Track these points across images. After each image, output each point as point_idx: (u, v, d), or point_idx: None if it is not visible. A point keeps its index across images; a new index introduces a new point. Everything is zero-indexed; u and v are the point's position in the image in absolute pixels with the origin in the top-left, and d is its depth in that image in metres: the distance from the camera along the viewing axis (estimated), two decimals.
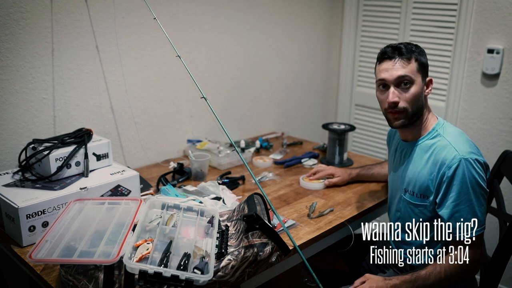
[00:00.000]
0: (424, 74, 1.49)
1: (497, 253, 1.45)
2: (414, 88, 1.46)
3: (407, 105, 1.46)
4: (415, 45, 1.50)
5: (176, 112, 2.23)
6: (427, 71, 1.51)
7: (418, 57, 1.47)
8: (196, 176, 1.96)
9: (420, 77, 1.47)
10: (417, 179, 1.49)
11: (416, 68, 1.46)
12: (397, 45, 1.49)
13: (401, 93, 1.46)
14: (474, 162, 1.38)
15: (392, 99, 1.46)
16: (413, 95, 1.46)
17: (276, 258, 1.34)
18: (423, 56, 1.49)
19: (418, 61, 1.47)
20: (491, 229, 2.27)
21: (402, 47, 1.47)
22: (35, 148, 1.58)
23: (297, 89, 2.86)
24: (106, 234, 1.23)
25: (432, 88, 1.53)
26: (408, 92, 1.46)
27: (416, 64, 1.46)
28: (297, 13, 2.71)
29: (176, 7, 2.10)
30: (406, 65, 1.46)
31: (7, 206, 1.40)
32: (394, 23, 2.69)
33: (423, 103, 1.50)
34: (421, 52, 1.49)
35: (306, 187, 1.94)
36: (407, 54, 1.46)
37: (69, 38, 1.79)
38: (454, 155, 1.39)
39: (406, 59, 1.46)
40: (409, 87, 1.46)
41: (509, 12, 2.22)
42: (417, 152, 1.52)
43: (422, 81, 1.48)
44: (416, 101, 1.47)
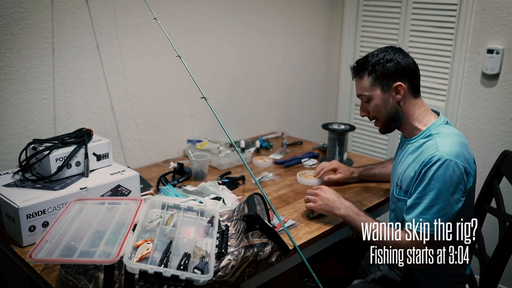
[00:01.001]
0: (386, 83, 1.50)
1: (497, 253, 1.45)
2: (373, 102, 1.54)
3: (375, 115, 1.56)
4: (375, 56, 1.52)
5: (176, 112, 2.23)
6: (397, 76, 1.49)
7: (371, 70, 1.51)
8: (196, 176, 1.96)
9: (379, 88, 1.51)
10: (404, 175, 1.51)
11: (370, 82, 1.52)
12: (357, 61, 1.57)
13: (367, 106, 1.56)
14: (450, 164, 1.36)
15: (360, 114, 1.61)
16: (374, 108, 1.54)
17: (276, 258, 1.35)
18: (381, 65, 1.49)
19: (372, 73, 1.51)
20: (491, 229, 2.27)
21: (358, 63, 1.56)
22: (36, 148, 1.58)
23: (297, 89, 2.86)
24: (106, 234, 1.23)
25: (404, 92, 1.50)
26: (370, 106, 1.55)
27: (369, 78, 1.52)
28: (297, 13, 2.71)
29: (176, 7, 2.11)
30: (359, 83, 1.55)
31: (7, 206, 1.40)
32: (394, 23, 2.69)
33: (396, 109, 1.52)
34: (379, 62, 1.50)
35: (303, 183, 1.95)
36: (359, 72, 1.54)
37: (69, 38, 1.79)
38: (433, 154, 1.39)
39: (359, 77, 1.55)
40: (369, 101, 1.55)
41: (509, 12, 2.22)
42: (409, 150, 1.54)
43: (382, 92, 1.51)
44: (379, 111, 1.54)
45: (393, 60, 1.49)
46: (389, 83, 1.50)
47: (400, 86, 1.50)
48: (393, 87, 1.50)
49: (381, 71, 1.50)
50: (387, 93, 1.51)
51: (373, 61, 1.51)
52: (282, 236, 1.37)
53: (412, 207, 1.41)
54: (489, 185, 1.69)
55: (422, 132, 1.51)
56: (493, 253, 1.46)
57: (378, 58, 1.51)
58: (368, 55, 1.54)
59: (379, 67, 1.50)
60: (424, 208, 1.38)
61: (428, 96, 2.57)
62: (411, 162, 1.49)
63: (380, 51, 1.53)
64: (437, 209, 1.37)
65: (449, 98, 2.52)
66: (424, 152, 1.44)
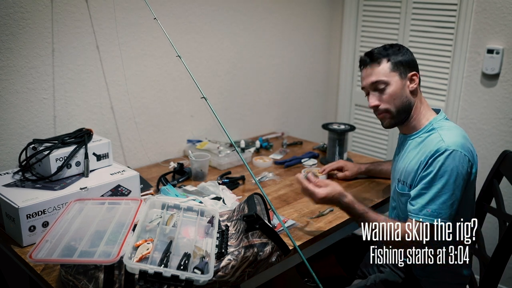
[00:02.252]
0: (404, 70, 1.51)
1: (497, 253, 1.45)
2: (390, 88, 1.51)
3: (387, 106, 1.53)
4: (391, 46, 1.54)
5: (176, 112, 2.23)
6: (411, 66, 1.53)
7: (391, 56, 1.51)
8: (196, 176, 1.96)
9: (397, 75, 1.51)
10: (407, 169, 1.51)
11: (389, 68, 1.51)
12: (371, 50, 1.55)
13: (380, 95, 1.53)
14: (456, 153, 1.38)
15: (371, 104, 1.55)
16: (390, 95, 1.51)
17: (276, 258, 1.35)
18: (401, 54, 1.52)
19: (392, 60, 1.51)
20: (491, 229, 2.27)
21: (374, 51, 1.54)
22: (36, 148, 1.58)
23: (297, 89, 2.86)
24: (106, 234, 1.23)
25: (418, 82, 1.54)
26: (385, 94, 1.52)
27: (388, 64, 1.51)
28: (297, 13, 2.71)
29: (177, 7, 2.11)
30: (376, 69, 1.52)
31: (7, 206, 1.40)
32: (394, 23, 2.69)
33: (409, 99, 1.53)
34: (397, 51, 1.52)
35: None
36: (377, 59, 1.52)
37: (69, 38, 1.79)
38: (440, 145, 1.41)
39: (376, 63, 1.52)
40: (384, 89, 1.51)
41: (509, 12, 2.22)
42: (411, 145, 1.54)
43: (400, 79, 1.51)
44: (395, 99, 1.51)
45: (407, 52, 1.54)
46: (406, 71, 1.52)
47: (415, 75, 1.52)
48: (408, 76, 1.52)
49: (399, 59, 1.51)
50: (403, 81, 1.52)
51: (389, 52, 1.52)
52: (282, 236, 1.37)
53: (418, 197, 1.41)
54: (489, 185, 1.69)
55: (424, 126, 1.53)
56: (493, 253, 1.46)
57: (394, 49, 1.53)
58: (382, 47, 1.55)
59: (396, 56, 1.51)
60: (431, 199, 1.38)
61: (428, 96, 2.57)
62: (414, 156, 1.49)
63: (390, 45, 1.55)
64: (444, 200, 1.37)
65: (449, 98, 2.52)
66: (429, 144, 1.45)
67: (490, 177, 1.69)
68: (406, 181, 1.52)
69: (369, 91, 1.55)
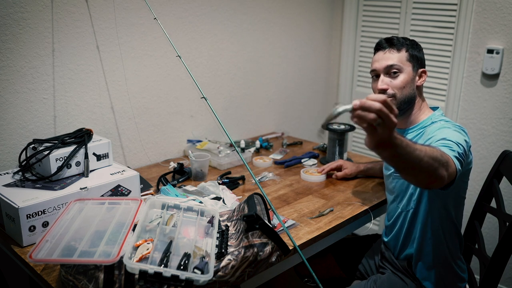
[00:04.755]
0: (416, 65, 1.56)
1: (497, 253, 1.46)
2: (403, 75, 1.55)
3: (395, 91, 1.54)
4: (410, 39, 1.59)
5: (176, 112, 2.23)
6: (422, 63, 1.59)
7: (409, 48, 1.56)
8: (196, 176, 1.96)
9: (411, 66, 1.55)
10: None
11: (406, 57, 1.56)
12: (391, 37, 1.59)
13: (391, 80, 1.55)
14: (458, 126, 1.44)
15: (381, 86, 1.55)
16: (402, 82, 1.54)
17: (276, 258, 1.35)
18: (417, 49, 1.58)
19: (409, 51, 1.56)
20: (491, 229, 2.28)
21: (395, 38, 1.58)
22: (35, 148, 1.58)
23: (297, 89, 2.86)
24: (106, 234, 1.23)
25: (425, 79, 1.59)
26: (397, 79, 1.55)
27: (406, 54, 1.56)
28: (297, 13, 2.71)
29: (176, 7, 2.11)
30: (395, 54, 1.56)
31: (7, 206, 1.40)
32: (394, 23, 2.70)
33: (414, 93, 1.57)
34: (415, 45, 1.58)
35: (307, 179, 1.97)
36: (397, 45, 1.56)
37: (69, 38, 1.79)
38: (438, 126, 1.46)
39: (396, 49, 1.56)
40: (397, 75, 1.55)
41: (509, 12, 2.22)
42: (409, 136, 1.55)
43: (413, 71, 1.56)
44: (405, 87, 1.54)
45: (422, 50, 1.61)
46: (417, 66, 1.57)
47: (424, 73, 1.58)
48: (419, 71, 1.57)
49: (416, 53, 1.57)
50: (414, 73, 1.56)
51: (409, 43, 1.57)
52: (282, 236, 1.37)
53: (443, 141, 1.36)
54: (489, 185, 1.69)
55: (422, 121, 1.57)
56: (493, 253, 1.46)
57: (412, 42, 1.58)
58: (400, 36, 1.59)
59: (414, 49, 1.57)
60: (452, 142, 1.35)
61: (428, 96, 2.57)
62: None
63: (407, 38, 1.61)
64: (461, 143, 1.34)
65: (449, 98, 2.52)
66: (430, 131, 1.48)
67: (490, 177, 1.69)
68: None
69: (381, 74, 1.57)
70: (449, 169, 1.22)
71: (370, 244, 1.84)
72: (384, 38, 1.60)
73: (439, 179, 1.21)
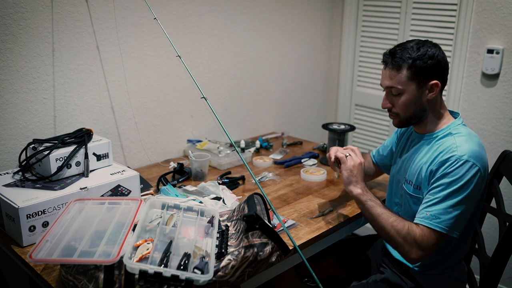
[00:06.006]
0: (424, 79, 1.44)
1: (497, 253, 1.45)
2: (405, 96, 1.47)
3: (398, 111, 1.50)
4: (418, 50, 1.44)
5: (176, 112, 2.23)
6: (434, 74, 1.44)
7: (413, 63, 1.42)
8: (196, 176, 1.96)
9: (415, 84, 1.44)
10: (417, 170, 1.49)
11: (407, 76, 1.44)
12: (394, 50, 1.47)
13: (393, 99, 1.50)
14: (468, 165, 1.36)
15: (383, 106, 1.54)
16: (403, 104, 1.48)
17: (276, 258, 1.35)
18: (427, 58, 1.43)
19: (413, 68, 1.43)
20: (491, 229, 2.28)
21: (398, 52, 1.46)
22: (35, 148, 1.58)
23: (297, 89, 2.86)
24: (106, 234, 1.23)
25: (437, 92, 1.46)
26: (399, 100, 1.48)
27: (408, 72, 1.43)
28: (297, 13, 2.71)
29: (176, 7, 2.11)
30: (395, 75, 1.46)
31: (7, 206, 1.40)
32: (394, 23, 2.69)
33: (424, 107, 1.48)
34: (422, 57, 1.43)
35: (307, 179, 1.98)
36: (398, 62, 1.44)
37: (69, 38, 1.79)
38: (451, 153, 1.39)
39: (395, 69, 1.45)
40: (399, 95, 1.48)
41: (509, 12, 2.22)
42: (424, 146, 1.52)
43: (417, 88, 1.45)
44: (408, 108, 1.48)
45: (434, 57, 1.43)
46: (425, 80, 1.44)
47: (436, 85, 1.45)
48: (428, 85, 1.45)
49: (421, 67, 1.42)
50: (421, 90, 1.45)
51: (415, 56, 1.42)
52: (282, 236, 1.37)
53: (429, 206, 1.39)
54: (489, 185, 1.69)
55: (440, 129, 1.50)
56: (493, 253, 1.46)
57: (420, 53, 1.42)
58: (407, 47, 1.45)
59: (420, 62, 1.42)
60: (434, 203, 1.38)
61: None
62: (427, 159, 1.47)
63: (420, 45, 1.45)
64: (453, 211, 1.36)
65: (449, 98, 2.52)
66: (443, 151, 1.42)
67: (490, 177, 1.69)
68: (413, 181, 1.51)
69: (385, 90, 1.52)
70: (422, 250, 1.36)
71: (371, 243, 1.84)
72: (389, 50, 1.48)
73: (409, 259, 1.41)
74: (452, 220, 1.36)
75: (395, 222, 1.41)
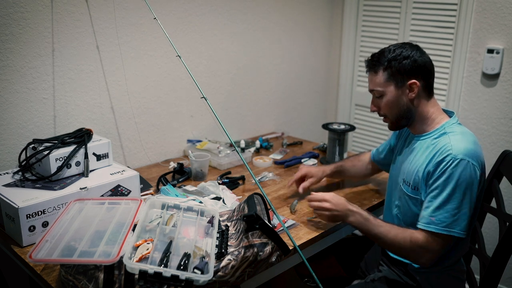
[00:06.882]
0: (401, 80, 1.47)
1: (497, 253, 1.45)
2: (386, 98, 1.52)
3: (386, 112, 1.54)
4: (394, 51, 1.49)
5: (176, 112, 2.23)
6: (412, 74, 1.47)
7: (386, 65, 1.48)
8: (196, 176, 1.96)
9: (393, 85, 1.49)
10: (414, 171, 1.50)
11: (385, 78, 1.49)
12: (373, 54, 1.54)
13: (378, 102, 1.55)
14: (464, 163, 1.37)
15: (371, 110, 1.59)
16: (386, 105, 1.53)
17: (276, 258, 1.34)
18: (402, 58, 1.47)
19: (388, 69, 1.48)
20: (491, 229, 2.27)
21: (374, 57, 1.53)
22: (35, 148, 1.58)
23: (297, 89, 2.86)
24: (106, 234, 1.23)
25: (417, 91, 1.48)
26: (382, 102, 1.53)
27: (384, 73, 1.49)
28: (297, 13, 2.71)
29: (176, 7, 2.11)
30: (373, 78, 1.52)
31: (7, 206, 1.40)
32: (394, 23, 2.69)
33: (408, 107, 1.51)
34: (395, 57, 1.47)
35: None
36: (375, 66, 1.51)
37: (69, 38, 1.79)
38: (447, 153, 1.39)
39: (373, 72, 1.52)
40: (381, 97, 1.53)
41: (509, 12, 2.22)
42: (420, 146, 1.52)
43: (396, 88, 1.49)
44: (392, 108, 1.52)
45: (410, 57, 1.47)
46: (403, 80, 1.48)
47: (415, 84, 1.48)
48: (407, 84, 1.48)
49: (397, 67, 1.47)
50: (400, 90, 1.49)
51: (390, 57, 1.48)
52: (282, 236, 1.37)
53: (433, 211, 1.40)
54: (489, 185, 1.69)
55: (434, 129, 1.50)
56: (493, 253, 1.46)
57: (395, 54, 1.48)
58: (385, 50, 1.51)
59: (395, 63, 1.47)
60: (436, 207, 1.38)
61: None
62: (422, 159, 1.48)
63: (397, 47, 1.50)
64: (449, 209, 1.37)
65: (449, 98, 2.52)
66: (438, 151, 1.43)
67: (490, 177, 1.69)
68: (410, 182, 1.51)
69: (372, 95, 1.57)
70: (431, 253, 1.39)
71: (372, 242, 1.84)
72: (369, 56, 1.55)
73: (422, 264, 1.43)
74: (458, 221, 1.37)
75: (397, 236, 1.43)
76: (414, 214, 1.50)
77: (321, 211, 1.52)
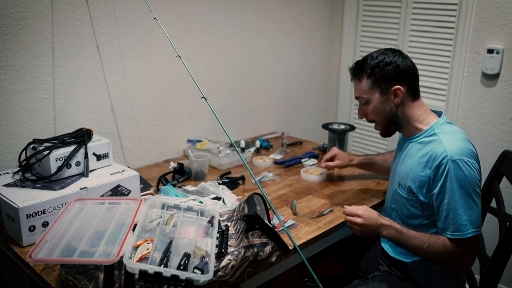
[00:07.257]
0: (386, 86, 1.50)
1: (497, 253, 1.45)
2: (372, 104, 1.54)
3: (373, 118, 1.57)
4: (378, 55, 1.51)
5: (176, 112, 2.23)
6: (395, 79, 1.49)
7: (370, 73, 1.51)
8: (196, 176, 1.96)
9: (377, 91, 1.51)
10: (408, 174, 1.51)
11: (369, 85, 1.52)
12: (357, 62, 1.56)
13: (364, 109, 1.57)
14: (461, 163, 1.38)
15: (359, 117, 1.62)
16: (372, 112, 1.55)
17: (276, 258, 1.35)
18: (385, 65, 1.48)
19: (372, 76, 1.50)
20: (491, 229, 2.28)
21: (357, 65, 1.55)
22: (35, 148, 1.58)
23: (297, 89, 2.86)
24: (106, 234, 1.23)
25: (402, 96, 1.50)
26: (368, 109, 1.55)
27: (367, 81, 1.52)
28: (297, 13, 2.71)
29: (176, 7, 2.11)
30: (358, 85, 1.55)
31: (7, 206, 1.40)
32: (394, 23, 2.69)
33: (394, 112, 1.53)
34: (378, 64, 1.49)
35: (307, 179, 1.99)
36: (359, 74, 1.54)
37: (69, 38, 1.79)
38: (443, 156, 1.40)
39: (357, 79, 1.55)
40: (367, 104, 1.55)
41: (509, 12, 2.22)
42: (412, 149, 1.54)
43: (381, 95, 1.51)
44: (378, 114, 1.54)
45: (392, 63, 1.49)
46: (387, 86, 1.50)
47: (399, 89, 1.50)
48: (391, 90, 1.50)
49: (380, 74, 1.50)
50: (385, 96, 1.51)
51: (372, 64, 1.50)
52: (282, 236, 1.37)
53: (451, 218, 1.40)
54: (489, 185, 1.69)
55: (424, 131, 1.51)
56: (493, 253, 1.46)
57: (377, 61, 1.50)
58: (367, 57, 1.53)
59: (378, 70, 1.50)
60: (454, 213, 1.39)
61: (428, 96, 2.57)
62: (416, 161, 1.49)
63: (379, 54, 1.52)
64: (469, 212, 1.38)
65: (449, 98, 2.52)
66: (433, 155, 1.43)
67: (490, 177, 1.69)
68: (405, 185, 1.52)
69: None
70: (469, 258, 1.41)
71: (373, 242, 1.84)
72: (352, 65, 1.57)
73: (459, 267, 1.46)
74: (477, 219, 1.39)
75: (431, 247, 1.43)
76: (413, 214, 1.52)
77: (354, 226, 1.51)
